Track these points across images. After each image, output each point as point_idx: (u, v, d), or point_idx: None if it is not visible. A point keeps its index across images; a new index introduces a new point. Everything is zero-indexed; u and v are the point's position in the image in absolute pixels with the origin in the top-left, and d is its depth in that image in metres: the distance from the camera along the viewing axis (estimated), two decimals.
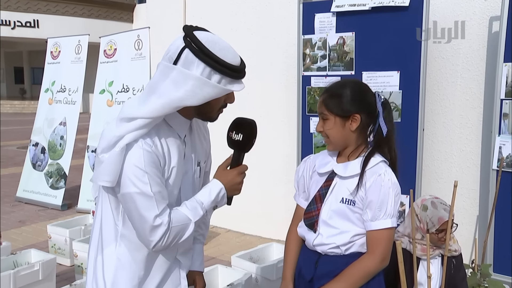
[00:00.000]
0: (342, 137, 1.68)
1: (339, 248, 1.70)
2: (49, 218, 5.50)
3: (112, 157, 1.36)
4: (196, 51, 1.37)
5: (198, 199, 1.50)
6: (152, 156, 1.39)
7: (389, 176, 1.63)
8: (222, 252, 4.33)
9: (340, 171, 1.71)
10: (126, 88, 5.71)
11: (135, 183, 1.37)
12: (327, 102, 1.69)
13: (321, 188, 1.76)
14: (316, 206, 1.75)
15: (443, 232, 2.05)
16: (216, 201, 1.52)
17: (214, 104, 1.48)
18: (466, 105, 3.61)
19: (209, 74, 1.37)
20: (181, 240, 1.46)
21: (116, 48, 5.88)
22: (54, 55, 6.56)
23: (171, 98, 1.37)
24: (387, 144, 1.70)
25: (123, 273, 1.49)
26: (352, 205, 1.67)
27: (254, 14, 4.71)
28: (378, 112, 1.68)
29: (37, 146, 6.44)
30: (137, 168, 1.36)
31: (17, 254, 3.39)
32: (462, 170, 3.66)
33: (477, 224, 3.61)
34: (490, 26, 3.47)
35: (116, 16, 19.08)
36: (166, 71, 1.40)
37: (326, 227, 1.71)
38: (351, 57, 3.61)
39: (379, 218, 1.62)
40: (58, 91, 6.38)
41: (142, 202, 1.37)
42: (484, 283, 2.61)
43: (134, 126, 1.37)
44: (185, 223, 1.45)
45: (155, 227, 1.39)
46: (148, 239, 1.41)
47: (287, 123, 4.43)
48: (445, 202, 2.12)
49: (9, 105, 23.60)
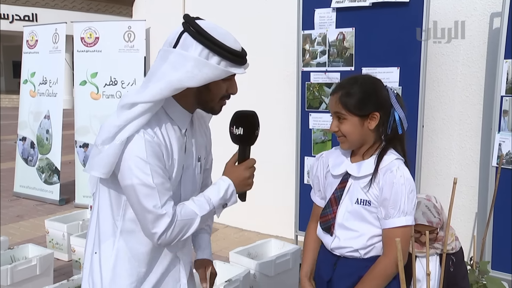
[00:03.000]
0: (360, 136, 1.63)
1: (358, 252, 1.66)
2: (47, 213, 5.48)
3: (110, 149, 1.34)
4: (194, 33, 1.38)
5: (206, 194, 1.48)
6: (153, 146, 1.37)
7: (402, 172, 1.58)
8: (220, 247, 4.33)
9: (354, 172, 1.66)
10: (114, 80, 5.58)
11: (137, 174, 1.35)
12: (344, 101, 1.62)
13: (336, 190, 1.72)
14: (332, 209, 1.72)
15: (419, 234, 2.04)
16: (225, 198, 1.49)
17: (215, 91, 1.45)
18: (466, 102, 3.60)
19: (207, 55, 1.37)
20: (186, 234, 1.44)
21: (98, 37, 5.67)
22: (30, 44, 6.29)
23: (170, 80, 1.36)
24: (400, 140, 1.67)
25: (122, 268, 1.47)
26: (368, 205, 1.63)
27: (253, 9, 4.69)
28: (393, 108, 1.64)
29: (25, 140, 6.31)
30: (138, 158, 1.35)
31: (14, 249, 3.38)
32: (462, 167, 3.65)
33: (476, 221, 3.61)
34: (490, 22, 3.45)
35: (115, 10, 19.03)
36: (164, 55, 1.40)
37: (343, 230, 1.68)
38: (351, 52, 3.59)
39: (393, 216, 1.57)
40: (40, 83, 6.14)
41: (144, 193, 1.35)
42: (483, 280, 2.61)
43: (135, 112, 1.35)
44: (191, 217, 1.43)
45: (158, 218, 1.36)
46: (151, 231, 1.38)
47: (286, 119, 4.42)
48: (433, 206, 2.08)
49: (8, 99, 23.52)
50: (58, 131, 5.95)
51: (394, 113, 1.65)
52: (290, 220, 4.01)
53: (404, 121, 1.65)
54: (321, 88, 3.76)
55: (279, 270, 3.20)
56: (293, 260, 3.32)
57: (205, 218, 1.47)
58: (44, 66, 6.12)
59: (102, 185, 1.48)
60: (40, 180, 6.09)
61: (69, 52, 7.16)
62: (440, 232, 2.09)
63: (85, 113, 5.73)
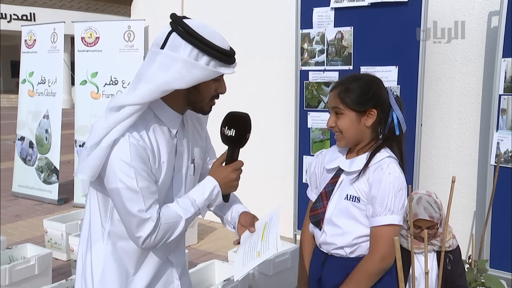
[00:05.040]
0: (356, 132, 1.63)
1: (343, 250, 1.65)
2: (46, 213, 5.47)
3: (97, 152, 1.34)
4: (183, 33, 1.36)
5: (190, 196, 1.46)
6: (138, 150, 1.36)
7: (391, 170, 1.56)
8: (219, 247, 4.32)
9: (345, 167, 1.66)
10: (115, 80, 5.57)
11: (121, 178, 1.34)
12: (342, 96, 1.61)
13: (328, 185, 1.72)
14: (322, 204, 1.71)
15: (420, 229, 2.04)
16: (210, 199, 1.48)
17: (204, 92, 1.44)
18: (464, 101, 3.60)
19: (196, 56, 1.35)
20: (171, 238, 1.43)
21: (99, 37, 5.67)
22: (28, 44, 6.26)
23: (158, 82, 1.35)
24: (396, 140, 1.66)
25: (110, 270, 1.46)
26: (357, 202, 1.62)
27: (251, 8, 4.69)
28: (392, 108, 1.64)
29: (23, 140, 6.30)
30: (123, 162, 1.34)
31: (13, 249, 3.37)
32: (460, 166, 3.66)
33: (474, 219, 3.61)
34: (489, 21, 3.45)
35: (114, 9, 18.99)
36: (152, 56, 1.38)
37: (330, 225, 1.67)
38: (349, 51, 3.59)
39: (380, 214, 1.56)
40: (39, 83, 6.12)
41: (128, 197, 1.34)
42: (481, 279, 2.61)
43: (123, 115, 1.34)
44: (175, 220, 1.42)
45: (142, 222, 1.35)
46: (135, 235, 1.37)
47: (285, 118, 4.42)
48: (434, 201, 2.09)
49: (6, 99, 23.46)
50: (57, 130, 5.94)
51: (392, 114, 1.65)
52: (288, 219, 4.01)
53: (402, 122, 1.64)
54: (320, 87, 3.76)
55: (278, 269, 3.20)
56: (291, 259, 3.32)
57: (190, 220, 1.46)
58: (42, 65, 6.10)
59: (91, 187, 1.47)
60: (39, 180, 6.08)
61: (67, 51, 7.14)
62: (439, 229, 2.10)
63: (85, 113, 5.74)
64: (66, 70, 9.05)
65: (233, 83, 2.42)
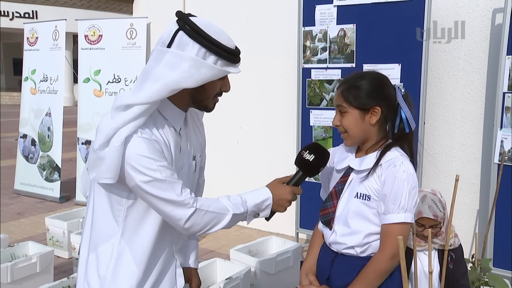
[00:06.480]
0: (361, 131, 1.61)
1: (354, 249, 1.64)
2: (47, 210, 5.48)
3: (111, 153, 1.31)
4: (191, 32, 1.35)
5: (243, 196, 1.47)
6: (153, 144, 1.35)
7: (405, 167, 1.54)
8: (221, 245, 4.32)
9: (355, 165, 1.65)
10: (118, 78, 5.56)
11: (144, 172, 1.32)
12: (345, 94, 1.60)
13: (337, 184, 1.70)
14: (332, 203, 1.70)
15: (423, 227, 2.03)
16: (260, 207, 1.48)
17: (210, 90, 1.44)
18: (467, 99, 3.58)
19: (204, 55, 1.35)
20: (214, 228, 1.42)
21: (102, 35, 5.68)
22: (31, 42, 6.26)
23: (166, 81, 1.34)
24: (407, 140, 1.64)
25: (123, 270, 1.45)
26: (367, 200, 1.60)
27: (254, 6, 4.67)
28: (400, 106, 1.62)
29: (25, 138, 6.31)
30: (141, 156, 1.32)
31: (14, 247, 3.37)
32: (463, 164, 3.64)
33: (478, 218, 3.60)
34: (493, 18, 3.43)
35: (116, 7, 19.00)
36: (159, 55, 1.37)
37: (341, 225, 1.66)
38: (352, 49, 3.57)
39: (392, 211, 1.54)
40: (41, 81, 6.13)
41: (158, 188, 1.34)
42: (484, 278, 2.59)
43: (131, 114, 1.33)
44: (222, 212, 1.42)
45: (179, 206, 1.36)
46: (177, 222, 1.38)
47: (287, 116, 4.40)
48: (439, 200, 2.07)
49: (8, 97, 23.50)
50: (59, 128, 5.95)
51: (400, 112, 1.63)
52: (291, 218, 4.00)
53: (411, 120, 1.62)
54: (322, 85, 3.74)
55: (280, 267, 3.19)
56: (294, 258, 3.31)
57: (236, 218, 1.45)
58: (44, 63, 6.11)
59: (99, 187, 1.45)
60: (41, 178, 6.09)
61: (69, 49, 7.14)
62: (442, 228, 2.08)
63: (88, 110, 5.75)
64: (68, 68, 9.06)
65: (235, 81, 2.41)
